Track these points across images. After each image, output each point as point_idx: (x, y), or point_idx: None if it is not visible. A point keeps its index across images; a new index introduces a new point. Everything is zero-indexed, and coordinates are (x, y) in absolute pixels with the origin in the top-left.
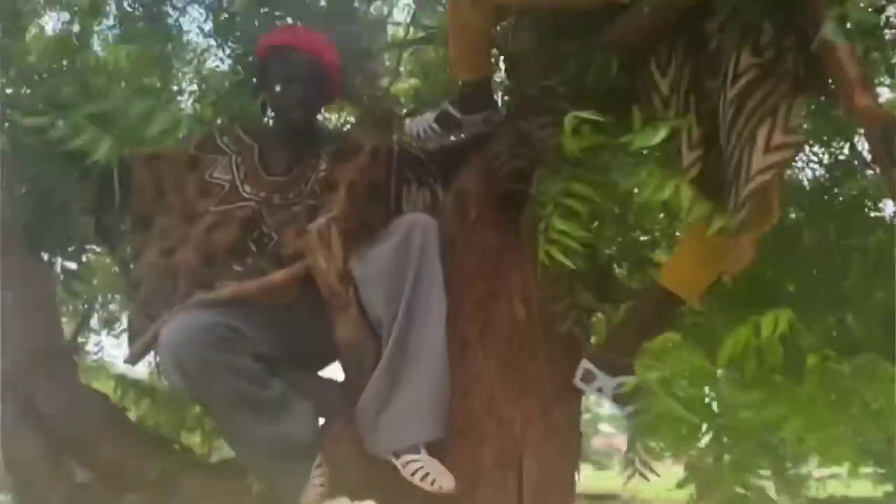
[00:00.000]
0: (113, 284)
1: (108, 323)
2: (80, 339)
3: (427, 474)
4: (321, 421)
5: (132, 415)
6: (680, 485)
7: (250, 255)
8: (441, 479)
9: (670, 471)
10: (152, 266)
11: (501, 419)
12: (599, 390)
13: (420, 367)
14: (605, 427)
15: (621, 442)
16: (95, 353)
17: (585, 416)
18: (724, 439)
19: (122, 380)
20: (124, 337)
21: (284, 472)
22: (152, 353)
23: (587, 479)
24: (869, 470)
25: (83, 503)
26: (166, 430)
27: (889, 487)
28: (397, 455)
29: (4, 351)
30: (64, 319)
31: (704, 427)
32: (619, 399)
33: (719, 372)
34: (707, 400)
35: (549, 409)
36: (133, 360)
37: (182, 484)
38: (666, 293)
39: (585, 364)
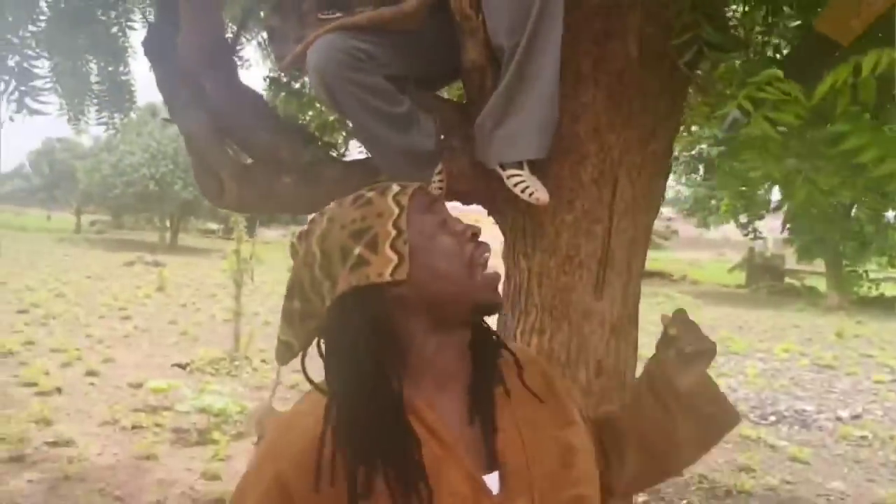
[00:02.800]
0: None
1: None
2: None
3: (527, 187)
4: (442, 136)
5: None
6: (730, 270)
7: None
8: (538, 192)
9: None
10: None
11: (603, 145)
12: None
13: (534, 93)
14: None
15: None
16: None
17: None
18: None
19: (274, 81)
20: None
21: (410, 175)
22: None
23: None
24: None
25: (248, 179)
26: (312, 127)
27: None
28: (503, 167)
29: (182, 50)
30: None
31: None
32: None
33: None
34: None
35: (646, 140)
36: (284, 68)
37: (326, 172)
38: (822, 37)
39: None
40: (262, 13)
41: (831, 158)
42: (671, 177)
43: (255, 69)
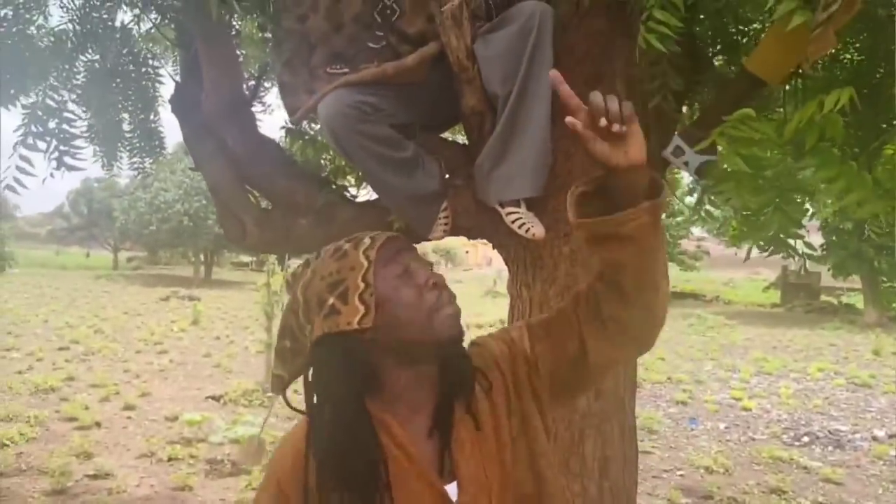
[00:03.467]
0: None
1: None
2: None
3: (524, 223)
4: (447, 176)
5: (298, 159)
6: (765, 289)
7: (376, 26)
8: (535, 227)
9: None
10: (289, 31)
11: None
12: (685, 164)
13: (527, 137)
14: (696, 230)
15: (711, 245)
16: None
17: (678, 219)
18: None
19: (290, 130)
20: None
21: (417, 213)
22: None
23: (674, 279)
24: None
25: (268, 222)
26: (327, 171)
27: None
28: (502, 205)
29: (206, 103)
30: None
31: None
32: (700, 173)
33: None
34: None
35: None
36: (296, 122)
37: (339, 213)
38: (751, 77)
39: (677, 140)
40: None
41: (801, 190)
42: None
43: (277, 112)
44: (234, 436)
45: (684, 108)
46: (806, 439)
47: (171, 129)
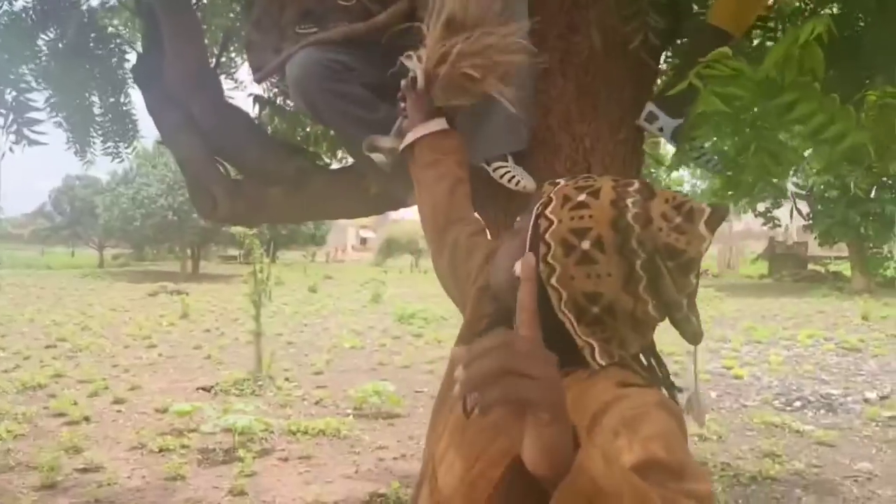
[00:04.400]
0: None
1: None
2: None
3: (514, 176)
4: None
5: (268, 129)
6: (753, 261)
7: None
8: (525, 180)
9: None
10: None
11: (574, 135)
12: (660, 129)
13: (507, 90)
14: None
15: None
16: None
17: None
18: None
19: (259, 98)
20: None
21: (394, 177)
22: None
23: None
24: None
25: (239, 193)
26: (297, 140)
27: None
28: (488, 163)
29: (170, 73)
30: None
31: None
32: (677, 138)
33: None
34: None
35: (616, 128)
36: (259, 79)
37: (312, 181)
38: (717, 30)
39: (649, 106)
40: (243, 32)
41: (784, 128)
42: (685, 170)
43: (251, 88)
44: (226, 424)
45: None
46: (798, 404)
47: (150, 122)
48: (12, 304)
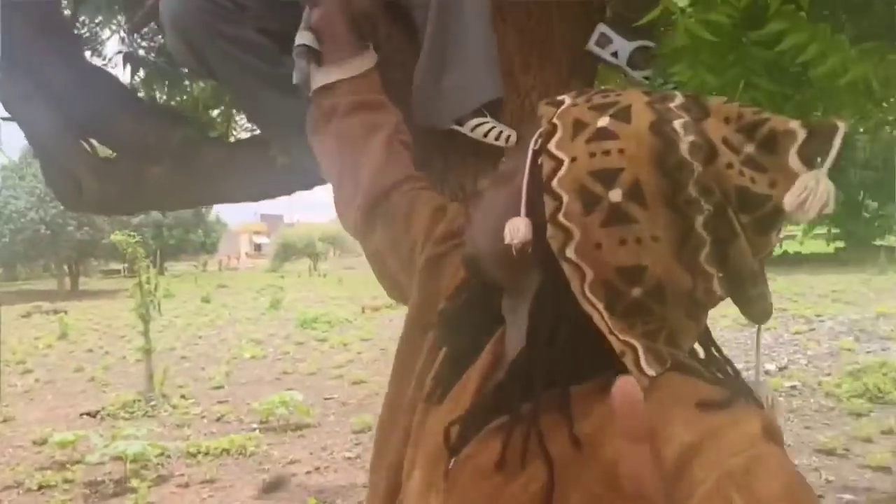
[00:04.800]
0: None
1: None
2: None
3: (499, 130)
4: None
5: (145, 94)
6: None
7: None
8: (511, 133)
9: None
10: None
11: (519, 88)
12: (614, 54)
13: (469, 35)
14: None
15: None
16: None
17: None
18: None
19: (129, 57)
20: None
21: (306, 144)
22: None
23: None
24: (823, 231)
25: (111, 174)
26: (184, 107)
27: (840, 244)
28: (461, 123)
29: (7, 25)
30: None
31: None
32: (635, 63)
33: None
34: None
35: (566, 79)
36: (134, 27)
37: (204, 155)
38: None
39: (601, 28)
40: None
41: (771, 64)
42: None
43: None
44: (115, 452)
45: None
46: None
47: (15, 133)
48: None
